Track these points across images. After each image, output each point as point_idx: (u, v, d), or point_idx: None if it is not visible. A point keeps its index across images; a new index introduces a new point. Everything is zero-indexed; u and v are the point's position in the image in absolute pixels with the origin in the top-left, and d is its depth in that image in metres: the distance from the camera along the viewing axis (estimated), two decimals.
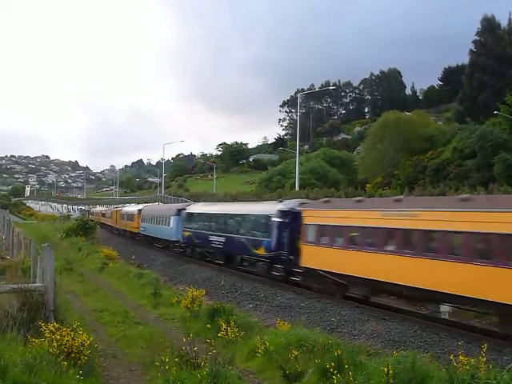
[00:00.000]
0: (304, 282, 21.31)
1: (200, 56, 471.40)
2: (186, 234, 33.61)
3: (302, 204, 23.23)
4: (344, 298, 19.03)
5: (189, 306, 14.41)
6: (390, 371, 7.19)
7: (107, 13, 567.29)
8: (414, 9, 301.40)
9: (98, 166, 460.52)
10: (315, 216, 20.67)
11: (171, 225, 36.47)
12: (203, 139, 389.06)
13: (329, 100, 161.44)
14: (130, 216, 50.11)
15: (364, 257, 17.64)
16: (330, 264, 19.30)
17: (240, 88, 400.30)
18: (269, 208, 24.58)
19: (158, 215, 40.43)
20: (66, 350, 8.14)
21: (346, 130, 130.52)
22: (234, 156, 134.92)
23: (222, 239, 28.16)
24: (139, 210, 47.57)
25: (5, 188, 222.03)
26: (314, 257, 20.25)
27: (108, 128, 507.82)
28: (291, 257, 21.86)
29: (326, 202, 21.96)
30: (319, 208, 21.07)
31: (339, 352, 8.52)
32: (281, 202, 25.36)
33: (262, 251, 23.74)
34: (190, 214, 34.00)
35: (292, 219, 22.25)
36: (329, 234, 19.66)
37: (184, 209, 35.67)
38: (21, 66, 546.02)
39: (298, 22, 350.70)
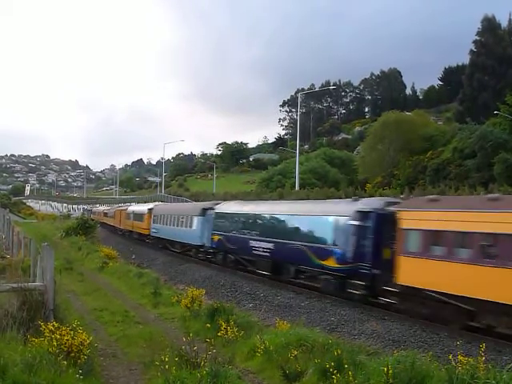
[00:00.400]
0: (401, 306, 16.62)
1: (200, 56, 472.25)
2: (216, 238, 28.80)
3: (390, 204, 18.49)
4: (465, 328, 14.69)
5: (189, 305, 14.40)
6: (390, 371, 7.19)
7: (107, 12, 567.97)
8: (414, 9, 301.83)
9: (98, 165, 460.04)
10: (420, 219, 16.15)
11: (194, 226, 31.94)
12: (203, 139, 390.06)
13: (329, 100, 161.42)
14: (139, 216, 46.05)
15: (506, 275, 13.12)
16: (448, 283, 14.68)
17: (240, 88, 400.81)
18: (342, 208, 20.23)
19: (176, 215, 36.09)
20: (65, 349, 8.14)
21: (346, 130, 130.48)
22: (234, 155, 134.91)
23: (270, 245, 23.40)
24: (150, 210, 43.49)
25: (5, 187, 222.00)
26: (419, 273, 15.69)
27: (108, 127, 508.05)
28: (376, 271, 17.55)
29: (433, 200, 16.98)
30: (426, 209, 16.38)
31: (339, 352, 8.52)
32: (357, 200, 20.56)
33: (331, 262, 19.15)
34: (221, 215, 29.15)
35: (377, 223, 17.92)
36: (446, 244, 15.00)
37: (212, 208, 30.74)
38: (21, 66, 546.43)
39: (298, 22, 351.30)
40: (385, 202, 18.94)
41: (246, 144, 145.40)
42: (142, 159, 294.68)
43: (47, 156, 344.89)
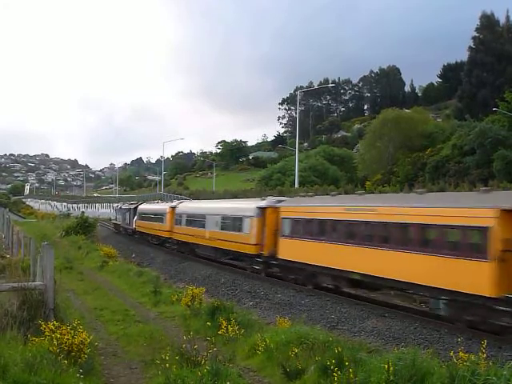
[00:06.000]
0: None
1: (204, 54, 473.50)
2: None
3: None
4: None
5: (189, 303, 14.40)
6: (391, 368, 7.18)
7: (109, 9, 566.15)
8: (413, 7, 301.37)
9: (97, 164, 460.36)
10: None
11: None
12: (203, 137, 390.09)
13: (328, 97, 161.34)
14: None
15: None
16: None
17: (242, 86, 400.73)
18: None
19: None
20: (66, 348, 8.13)
21: (346, 128, 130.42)
22: (233, 154, 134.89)
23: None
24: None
25: (4, 186, 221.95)
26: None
27: (108, 126, 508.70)
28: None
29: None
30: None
31: (340, 349, 8.51)
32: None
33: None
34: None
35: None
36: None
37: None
38: (21, 65, 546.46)
39: (299, 21, 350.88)
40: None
41: (245, 142, 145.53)
42: (141, 158, 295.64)
43: (46, 155, 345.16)
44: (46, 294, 9.44)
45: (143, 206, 47.45)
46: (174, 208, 37.17)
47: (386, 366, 7.24)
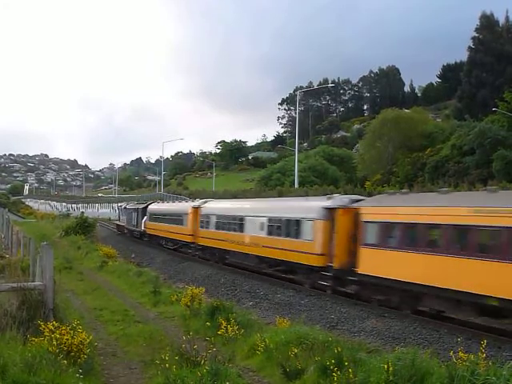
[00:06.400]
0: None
1: (203, 55, 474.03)
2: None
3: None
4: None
5: (188, 303, 14.39)
6: (390, 368, 7.19)
7: (109, 9, 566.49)
8: (414, 7, 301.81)
9: (97, 164, 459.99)
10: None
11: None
12: (203, 137, 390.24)
13: (328, 97, 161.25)
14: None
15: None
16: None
17: (242, 86, 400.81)
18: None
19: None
20: (65, 348, 8.13)
21: (345, 128, 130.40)
22: (233, 154, 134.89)
23: None
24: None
25: (3, 186, 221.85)
26: None
27: (108, 126, 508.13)
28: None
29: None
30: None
31: (339, 349, 8.51)
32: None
33: None
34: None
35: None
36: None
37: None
38: (20, 65, 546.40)
39: (299, 21, 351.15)
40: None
41: (244, 142, 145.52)
42: (140, 158, 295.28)
43: (46, 155, 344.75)
44: (46, 294, 9.43)
45: (155, 206, 43.45)
46: (197, 208, 32.51)
47: (386, 366, 7.24)
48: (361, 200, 20.09)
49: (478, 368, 7.11)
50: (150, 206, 43.90)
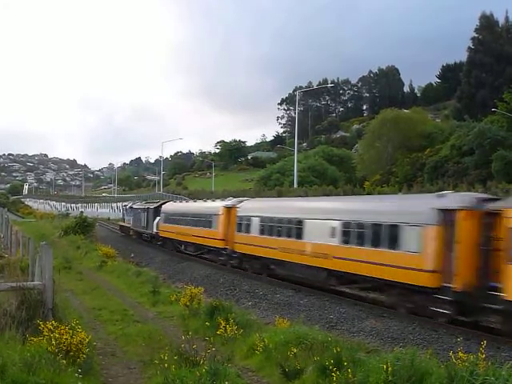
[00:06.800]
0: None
1: (203, 55, 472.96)
2: None
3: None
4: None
5: (188, 303, 14.38)
6: (390, 368, 7.19)
7: (108, 12, 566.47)
8: (414, 7, 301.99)
9: (96, 164, 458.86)
10: None
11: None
12: (203, 137, 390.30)
13: (327, 98, 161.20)
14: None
15: None
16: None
17: (242, 86, 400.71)
18: None
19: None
20: (64, 348, 8.13)
21: (345, 128, 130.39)
22: (232, 154, 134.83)
23: None
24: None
25: (3, 186, 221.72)
26: None
27: (108, 126, 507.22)
28: None
29: None
30: None
31: (338, 349, 8.51)
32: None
33: None
34: None
35: None
36: None
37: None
38: (20, 64, 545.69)
39: (299, 21, 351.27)
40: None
41: (244, 142, 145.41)
42: (140, 158, 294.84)
43: (45, 155, 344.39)
44: (45, 294, 9.43)
45: (171, 206, 38.80)
46: (231, 208, 28.10)
47: (385, 366, 7.25)
48: (491, 199, 15.47)
49: (478, 368, 7.11)
50: (164, 206, 39.39)
